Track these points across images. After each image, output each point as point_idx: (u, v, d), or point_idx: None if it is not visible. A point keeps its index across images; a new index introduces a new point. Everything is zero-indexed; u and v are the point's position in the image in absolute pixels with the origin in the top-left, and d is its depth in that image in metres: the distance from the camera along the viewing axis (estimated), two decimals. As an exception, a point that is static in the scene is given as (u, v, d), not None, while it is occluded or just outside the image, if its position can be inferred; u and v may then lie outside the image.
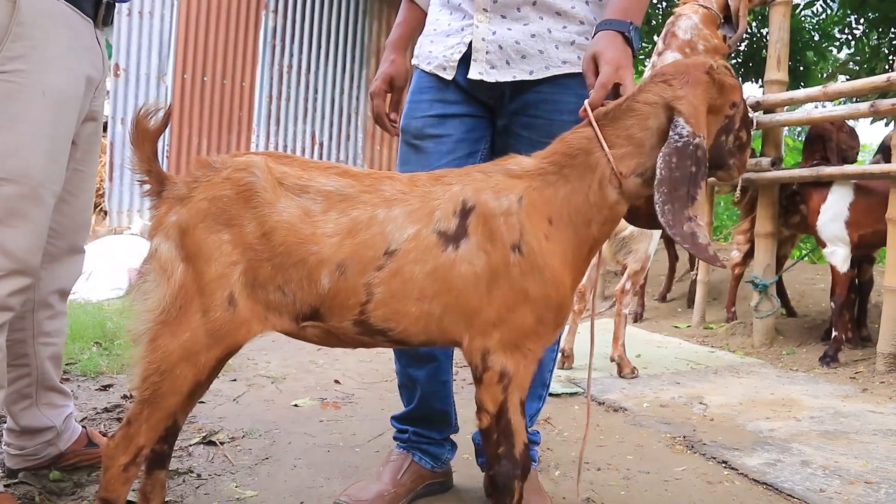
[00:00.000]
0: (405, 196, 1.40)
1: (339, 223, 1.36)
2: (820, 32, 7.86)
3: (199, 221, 1.34)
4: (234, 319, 1.35)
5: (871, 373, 3.62)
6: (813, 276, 5.92)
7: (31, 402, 1.87)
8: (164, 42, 8.00)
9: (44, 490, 1.86)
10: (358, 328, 1.39)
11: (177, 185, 1.39)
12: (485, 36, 1.78)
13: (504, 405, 1.41)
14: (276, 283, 1.35)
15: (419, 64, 1.92)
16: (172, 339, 1.33)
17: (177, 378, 1.34)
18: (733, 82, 1.44)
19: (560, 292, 1.40)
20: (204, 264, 1.33)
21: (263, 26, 8.41)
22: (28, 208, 1.59)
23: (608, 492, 2.08)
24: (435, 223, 1.37)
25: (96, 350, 3.51)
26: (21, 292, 1.62)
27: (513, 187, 1.40)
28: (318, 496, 1.96)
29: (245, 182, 1.36)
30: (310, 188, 1.38)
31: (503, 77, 1.78)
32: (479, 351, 1.39)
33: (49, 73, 1.60)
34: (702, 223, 1.38)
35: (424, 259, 1.35)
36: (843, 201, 3.97)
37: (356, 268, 1.35)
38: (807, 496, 2.07)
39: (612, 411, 3.00)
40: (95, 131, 1.88)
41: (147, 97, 7.92)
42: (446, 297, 1.37)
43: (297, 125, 8.57)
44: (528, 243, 1.37)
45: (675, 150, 1.35)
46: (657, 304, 5.80)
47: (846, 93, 4.06)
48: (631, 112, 1.42)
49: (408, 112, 1.90)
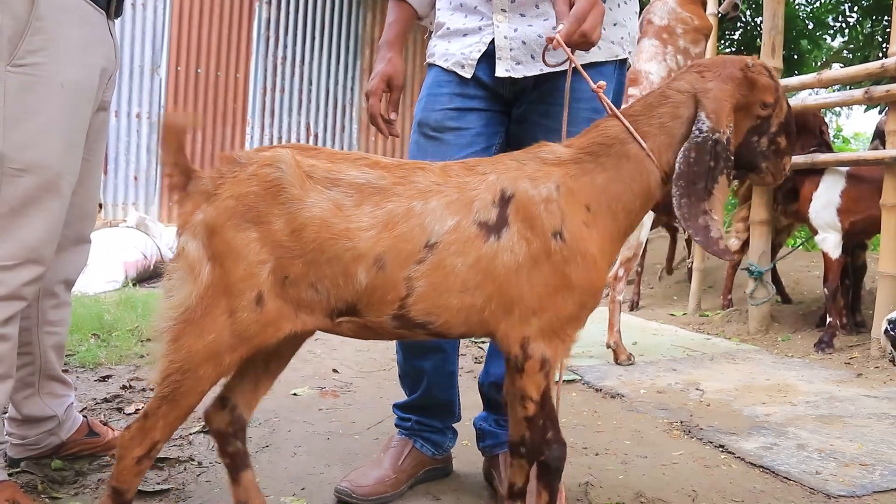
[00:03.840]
0: (440, 187, 1.37)
1: (374, 216, 1.32)
2: (814, 20, 7.88)
3: (227, 220, 1.30)
4: (262, 319, 1.31)
5: (866, 358, 3.65)
6: (808, 264, 5.95)
7: (34, 391, 1.88)
8: (158, 34, 7.97)
9: (46, 479, 1.87)
10: (397, 322, 1.36)
11: (202, 181, 1.35)
12: (507, 34, 1.81)
13: (547, 391, 1.41)
14: (309, 280, 1.31)
15: (435, 62, 1.92)
16: (197, 339, 1.29)
17: (199, 378, 1.31)
18: (767, 82, 1.43)
19: (600, 277, 1.41)
20: (232, 264, 1.29)
21: (257, 18, 8.39)
22: (45, 199, 1.61)
23: (606, 476, 2.10)
24: (475, 214, 1.35)
25: (94, 342, 3.52)
26: (34, 282, 1.64)
27: (549, 175, 1.39)
28: (319, 482, 1.98)
29: (272, 178, 1.32)
30: (340, 181, 1.34)
31: (530, 72, 1.81)
32: (519, 340, 1.37)
33: (66, 66, 1.62)
34: (716, 217, 1.38)
35: (466, 251, 1.33)
36: (835, 189, 4.00)
37: (395, 262, 1.32)
38: (803, 478, 2.10)
39: (609, 398, 3.02)
40: (104, 121, 1.91)
41: (141, 89, 7.90)
42: (489, 287, 1.35)
43: (291, 117, 8.56)
44: (570, 230, 1.36)
45: (695, 146, 1.36)
46: (653, 292, 5.83)
47: (840, 80, 4.08)
48: (664, 100, 1.43)
49: (426, 105, 1.91)
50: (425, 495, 1.95)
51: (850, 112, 12.25)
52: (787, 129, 1.48)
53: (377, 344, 3.76)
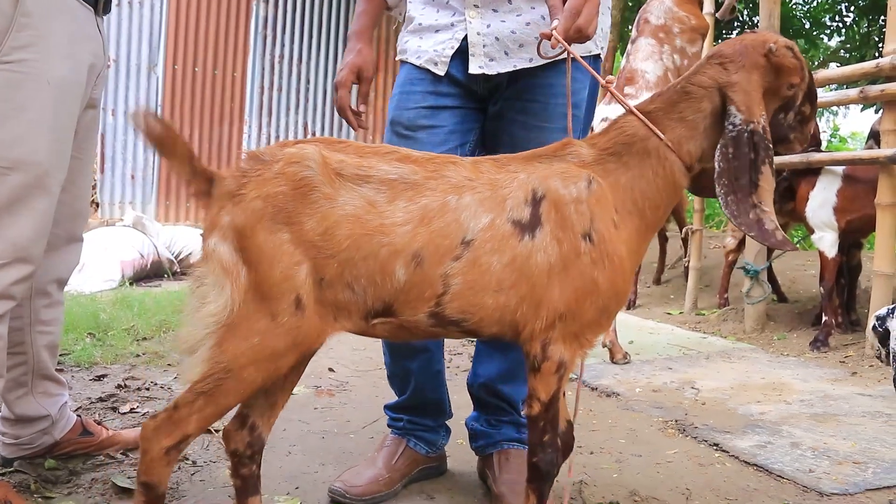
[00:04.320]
0: (472, 183, 1.35)
1: (408, 211, 1.30)
2: (810, 20, 7.88)
3: (256, 222, 1.26)
4: (304, 325, 1.28)
5: (861, 356, 3.66)
6: (804, 263, 5.95)
7: (27, 390, 1.88)
8: (155, 32, 7.96)
9: (39, 478, 1.87)
10: (432, 320, 1.34)
11: (225, 181, 1.30)
12: (479, 30, 1.79)
13: (556, 394, 1.41)
14: (345, 280, 1.28)
15: (407, 58, 1.90)
16: (242, 341, 1.26)
17: (243, 380, 1.28)
18: (792, 63, 1.42)
19: (626, 281, 1.40)
20: (267, 267, 1.26)
21: (255, 16, 8.37)
22: (33, 197, 1.60)
23: (601, 474, 2.11)
24: (508, 212, 1.34)
25: (90, 341, 3.51)
26: (23, 281, 1.63)
27: (578, 175, 1.38)
28: (314, 481, 1.98)
29: (301, 177, 1.27)
30: (371, 177, 1.31)
31: (504, 68, 1.79)
32: (540, 340, 1.36)
33: (53, 62, 1.60)
34: (767, 208, 1.37)
35: (502, 249, 1.32)
36: (831, 188, 4.01)
37: (433, 258, 1.29)
38: (796, 476, 2.10)
39: (604, 396, 3.03)
40: (94, 118, 1.89)
41: (138, 88, 7.89)
42: (523, 288, 1.33)
43: (289, 115, 8.55)
44: (599, 231, 1.35)
45: (731, 141, 1.36)
46: (650, 291, 5.83)
47: (836, 79, 4.09)
48: (685, 95, 1.43)
49: (398, 103, 1.89)
50: (419, 494, 1.95)
51: (848, 111, 12.27)
52: (811, 97, 1.48)
53: (373, 343, 3.76)
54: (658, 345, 4.06)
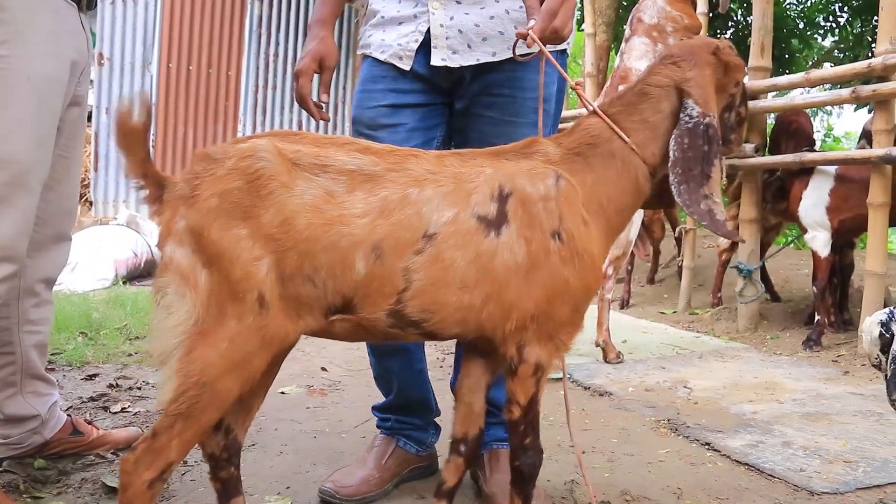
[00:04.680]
0: (435, 176, 1.32)
1: (368, 203, 1.26)
2: (804, 20, 7.90)
3: (212, 221, 1.22)
4: (270, 323, 1.24)
5: (853, 356, 3.67)
6: (797, 262, 5.97)
7: (16, 390, 1.87)
8: (149, 30, 7.93)
9: (28, 478, 1.86)
10: (391, 319, 1.30)
11: (178, 186, 1.26)
12: (443, 22, 1.76)
13: (535, 397, 1.40)
14: (305, 272, 1.24)
15: (371, 53, 1.87)
16: (211, 349, 1.21)
17: (219, 391, 1.22)
18: (738, 61, 1.48)
19: (597, 279, 1.40)
20: (227, 266, 1.21)
21: (249, 15, 8.35)
22: (14, 194, 1.58)
23: (593, 473, 2.10)
24: (473, 207, 1.31)
25: (82, 340, 3.51)
26: (7, 280, 1.62)
27: (546, 172, 1.37)
28: (304, 481, 1.98)
29: (255, 169, 1.23)
30: (329, 167, 1.28)
31: (466, 61, 1.77)
32: (515, 343, 1.35)
33: (33, 58, 1.59)
34: (718, 200, 1.40)
35: (466, 245, 1.29)
36: (824, 187, 4.02)
37: (394, 250, 1.26)
38: (787, 476, 2.11)
39: (597, 396, 3.03)
40: (80, 116, 1.88)
41: (132, 87, 7.87)
42: (489, 287, 1.30)
43: (283, 114, 8.53)
44: (568, 230, 1.34)
45: (687, 132, 1.39)
46: (643, 291, 5.84)
47: (829, 79, 4.10)
48: (644, 96, 1.45)
49: (359, 102, 1.87)
50: (410, 494, 1.95)
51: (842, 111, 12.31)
52: (745, 97, 1.55)
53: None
54: (651, 344, 4.07)
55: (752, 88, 4.31)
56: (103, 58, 7.62)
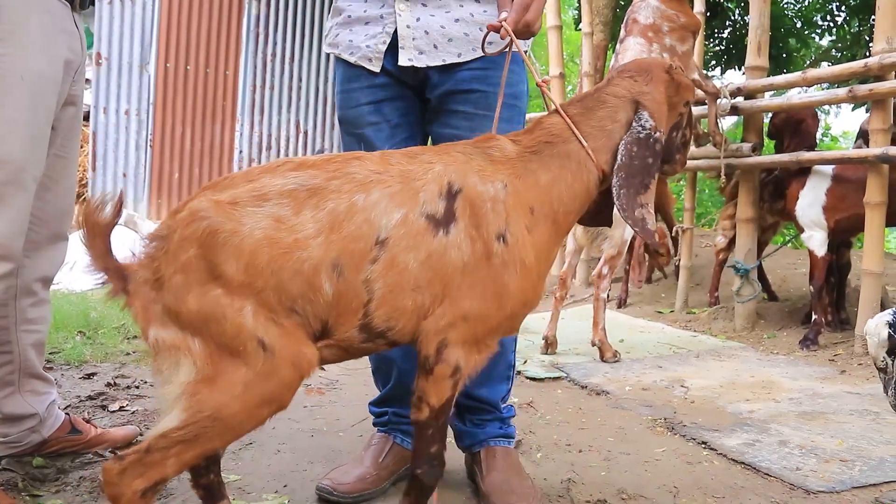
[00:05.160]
0: (381, 176, 1.29)
1: (317, 220, 1.23)
2: (802, 19, 7.91)
3: (186, 294, 1.20)
4: (281, 362, 1.21)
5: (850, 355, 3.68)
6: (795, 262, 5.98)
7: (14, 389, 1.88)
8: (147, 30, 7.92)
9: (27, 476, 1.86)
10: (363, 334, 1.29)
11: (138, 273, 1.23)
12: (409, 23, 1.78)
13: (450, 401, 1.37)
14: (285, 304, 1.22)
15: (340, 54, 1.88)
16: (223, 393, 1.19)
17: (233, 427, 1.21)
18: (688, 82, 1.53)
19: (537, 288, 1.39)
20: (216, 329, 1.20)
21: (247, 14, 8.35)
22: (9, 193, 1.59)
23: (589, 472, 2.11)
24: (421, 206, 1.28)
25: (80, 339, 3.51)
26: (4, 278, 1.62)
27: (496, 172, 1.36)
28: (302, 479, 1.98)
29: (202, 230, 1.21)
30: (268, 194, 1.24)
31: (433, 62, 1.79)
32: (437, 341, 1.31)
33: (27, 57, 1.59)
34: (651, 210, 1.43)
35: (417, 246, 1.27)
36: (821, 187, 4.03)
37: (352, 264, 1.24)
38: (783, 474, 2.11)
39: (594, 395, 3.04)
40: (76, 116, 1.88)
41: (130, 86, 7.87)
42: (438, 286, 1.29)
43: (281, 114, 8.52)
44: (513, 233, 1.32)
45: (637, 141, 1.41)
46: (641, 290, 5.85)
47: (825, 78, 4.11)
48: (602, 104, 1.46)
49: (341, 103, 1.89)
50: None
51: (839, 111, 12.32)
52: (690, 120, 1.59)
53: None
54: (648, 343, 4.08)
55: (749, 88, 4.33)
56: (101, 57, 7.62)
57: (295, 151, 8.59)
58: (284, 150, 8.55)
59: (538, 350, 3.77)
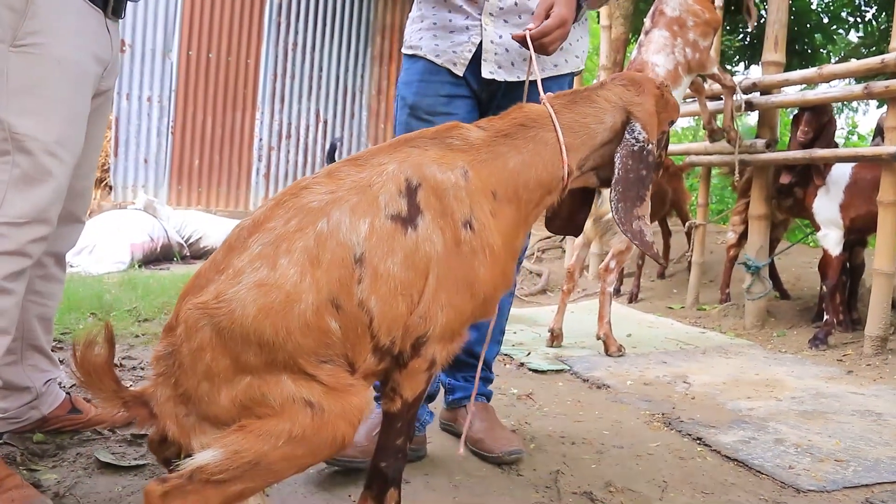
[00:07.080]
0: (335, 195, 1.27)
1: (296, 263, 1.21)
2: (829, 15, 7.76)
3: (217, 396, 1.19)
4: (332, 414, 1.20)
5: (859, 355, 3.64)
6: (809, 260, 5.90)
7: (16, 358, 1.92)
8: (170, 18, 8.02)
9: (26, 451, 1.91)
10: (375, 357, 1.28)
11: (158, 393, 1.23)
12: (493, 39, 1.95)
13: (421, 395, 1.37)
14: (312, 360, 1.22)
15: (425, 55, 2.03)
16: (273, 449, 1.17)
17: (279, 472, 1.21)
18: (675, 102, 1.57)
19: (506, 272, 1.39)
20: (262, 408, 1.19)
21: (269, 3, 8.41)
22: (53, 165, 1.69)
23: (578, 464, 2.12)
24: (384, 209, 1.27)
25: (92, 321, 3.58)
26: (40, 241, 1.71)
27: (455, 160, 1.35)
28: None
29: (208, 337, 1.20)
30: (241, 269, 1.22)
31: (510, 77, 1.97)
32: (415, 336, 1.30)
33: (63, 46, 1.71)
34: (648, 222, 1.45)
35: (392, 249, 1.25)
36: (839, 185, 3.97)
37: (343, 293, 1.22)
38: (775, 472, 2.11)
39: (594, 388, 3.04)
40: (103, 104, 1.97)
41: (152, 73, 7.97)
42: (419, 283, 1.28)
43: (301, 103, 8.59)
44: (479, 219, 1.32)
45: (631, 154, 1.42)
46: (653, 285, 5.82)
47: (841, 74, 4.04)
48: (590, 102, 1.47)
49: (419, 90, 2.03)
50: (396, 478, 1.97)
51: (868, 108, 12.08)
52: (667, 143, 1.65)
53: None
54: (656, 339, 4.06)
55: (764, 83, 4.28)
56: (125, 44, 7.72)
57: (314, 140, 8.65)
58: (304, 138, 8.61)
59: (544, 343, 3.77)
